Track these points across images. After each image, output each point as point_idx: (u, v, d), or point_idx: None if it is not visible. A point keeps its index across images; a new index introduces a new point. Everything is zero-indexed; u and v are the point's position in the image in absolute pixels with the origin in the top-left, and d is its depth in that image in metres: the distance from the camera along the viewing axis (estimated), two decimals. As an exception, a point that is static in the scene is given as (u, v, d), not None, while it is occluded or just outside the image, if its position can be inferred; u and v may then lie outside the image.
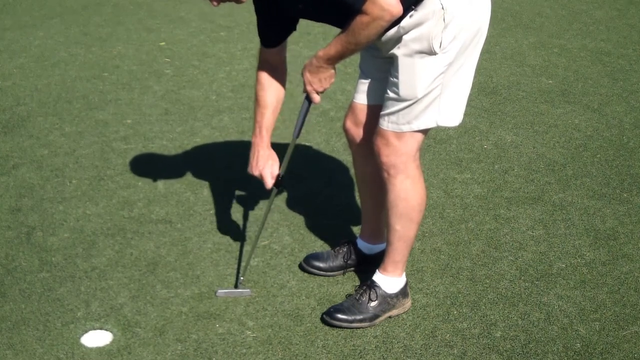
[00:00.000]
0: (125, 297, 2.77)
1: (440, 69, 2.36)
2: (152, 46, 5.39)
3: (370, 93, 2.60)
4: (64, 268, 2.92)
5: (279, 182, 2.66)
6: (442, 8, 2.27)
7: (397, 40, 2.34)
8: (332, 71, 2.42)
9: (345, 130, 2.73)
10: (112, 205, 3.35)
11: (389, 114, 2.44)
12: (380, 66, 2.51)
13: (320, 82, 2.43)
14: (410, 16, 2.29)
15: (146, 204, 3.37)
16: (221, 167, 3.71)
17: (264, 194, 3.44)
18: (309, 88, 2.45)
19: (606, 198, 3.51)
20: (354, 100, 2.68)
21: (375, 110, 2.54)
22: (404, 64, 2.36)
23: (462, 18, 2.32)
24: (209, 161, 3.77)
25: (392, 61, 2.40)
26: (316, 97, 2.48)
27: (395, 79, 2.39)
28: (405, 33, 2.32)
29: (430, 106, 2.41)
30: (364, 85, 2.63)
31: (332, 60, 2.37)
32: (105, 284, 2.84)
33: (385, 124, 2.45)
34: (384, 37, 2.35)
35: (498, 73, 5.03)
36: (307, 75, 2.42)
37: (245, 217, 3.27)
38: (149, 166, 3.70)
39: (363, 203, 2.89)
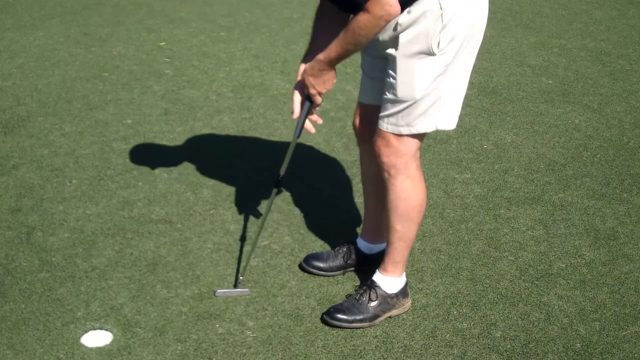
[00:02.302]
0: (125, 297, 2.76)
1: (438, 71, 2.36)
2: (152, 46, 5.39)
3: (371, 93, 2.61)
4: (64, 268, 2.92)
5: (280, 182, 2.66)
6: (441, 8, 2.27)
7: (395, 39, 2.34)
8: (333, 72, 2.43)
9: (354, 128, 2.77)
10: (112, 205, 3.35)
11: (388, 116, 2.44)
12: (379, 66, 2.51)
13: (324, 84, 2.44)
14: (409, 12, 2.28)
15: (146, 204, 3.37)
16: (221, 168, 3.70)
17: (264, 193, 3.45)
18: (312, 91, 2.45)
19: (606, 198, 3.51)
20: (358, 99, 2.71)
21: (376, 110, 2.55)
22: (402, 65, 2.36)
23: (461, 20, 2.32)
24: (209, 161, 3.76)
25: (390, 62, 2.40)
26: (319, 99, 2.48)
27: (393, 80, 2.39)
28: (403, 31, 2.31)
29: (430, 109, 2.41)
30: (364, 85, 2.66)
31: (334, 62, 2.38)
32: (105, 284, 2.84)
33: (385, 125, 2.45)
34: (382, 35, 2.35)
35: (498, 73, 5.03)
36: (310, 79, 2.43)
37: (245, 217, 3.27)
38: (149, 166, 3.70)
39: (366, 201, 2.89)
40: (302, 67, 2.51)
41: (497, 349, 2.56)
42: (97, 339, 2.56)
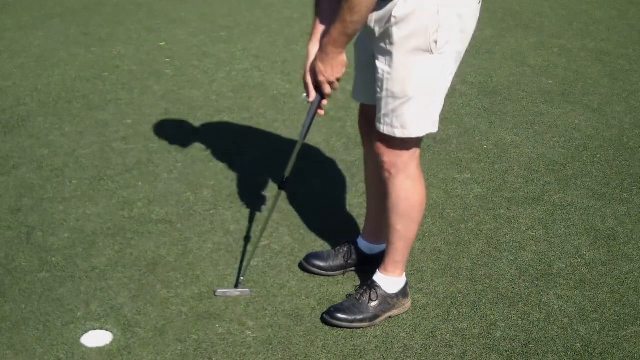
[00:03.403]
0: (125, 297, 2.77)
1: (435, 70, 2.35)
2: (152, 46, 5.39)
3: (367, 92, 2.60)
4: (64, 268, 2.92)
5: (284, 183, 2.66)
6: (437, 4, 2.27)
7: (390, 34, 2.32)
8: (343, 57, 2.37)
9: (359, 128, 2.78)
10: (112, 205, 3.35)
11: (383, 116, 2.43)
12: (372, 62, 2.49)
13: (332, 69, 2.38)
14: (405, 1, 2.27)
15: (146, 204, 3.37)
16: (221, 168, 3.70)
17: (265, 194, 3.45)
18: (321, 78, 2.40)
19: (606, 198, 3.51)
20: (355, 98, 2.73)
21: (373, 110, 2.54)
22: (398, 60, 2.34)
23: (457, 21, 2.31)
24: (209, 161, 3.77)
25: (385, 57, 2.37)
26: (327, 88, 2.42)
27: (387, 75, 2.36)
28: (397, 23, 2.29)
29: (425, 112, 2.40)
30: (357, 83, 2.67)
31: (338, 43, 2.32)
32: (105, 284, 2.84)
33: (381, 126, 2.45)
34: (378, 29, 2.35)
35: (498, 73, 5.03)
36: (319, 64, 2.38)
37: (246, 217, 3.27)
38: (149, 166, 3.70)
39: (369, 201, 2.89)
40: (311, 47, 2.46)
41: (497, 349, 2.56)
42: (97, 339, 2.56)
